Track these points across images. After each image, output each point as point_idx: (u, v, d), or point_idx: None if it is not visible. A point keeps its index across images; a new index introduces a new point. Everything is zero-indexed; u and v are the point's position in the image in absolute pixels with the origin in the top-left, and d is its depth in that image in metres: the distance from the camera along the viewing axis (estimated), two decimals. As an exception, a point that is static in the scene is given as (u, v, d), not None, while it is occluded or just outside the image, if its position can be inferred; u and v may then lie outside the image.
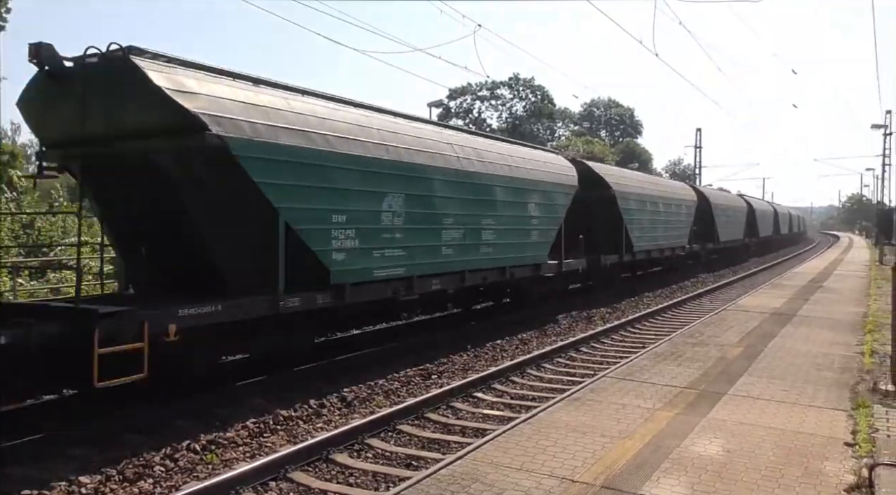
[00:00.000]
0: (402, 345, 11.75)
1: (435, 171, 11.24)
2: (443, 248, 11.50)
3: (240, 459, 6.57)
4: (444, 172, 11.48)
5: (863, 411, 6.45)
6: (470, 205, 12.18)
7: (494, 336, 12.86)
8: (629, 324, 14.73)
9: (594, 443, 5.63)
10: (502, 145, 14.63)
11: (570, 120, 76.54)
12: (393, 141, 10.36)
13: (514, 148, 15.25)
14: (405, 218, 10.43)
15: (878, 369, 8.27)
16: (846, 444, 5.63)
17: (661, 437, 5.79)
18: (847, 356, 9.37)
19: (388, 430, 7.37)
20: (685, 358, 9.14)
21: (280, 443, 7.03)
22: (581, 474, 4.96)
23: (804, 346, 10.05)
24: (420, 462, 6.49)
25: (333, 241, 9.10)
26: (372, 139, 9.89)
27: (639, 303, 18.94)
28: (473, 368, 10.58)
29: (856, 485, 4.73)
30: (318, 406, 8.23)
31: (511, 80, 70.27)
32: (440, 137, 11.99)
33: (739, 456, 5.34)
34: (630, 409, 6.64)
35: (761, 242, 45.36)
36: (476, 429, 7.52)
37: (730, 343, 10.30)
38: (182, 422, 7.38)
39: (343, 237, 9.23)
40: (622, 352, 11.80)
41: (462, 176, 11.95)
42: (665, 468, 5.08)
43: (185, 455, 6.56)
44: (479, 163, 12.56)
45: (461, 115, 70.62)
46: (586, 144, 54.69)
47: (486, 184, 12.69)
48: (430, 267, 11.24)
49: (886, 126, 37.24)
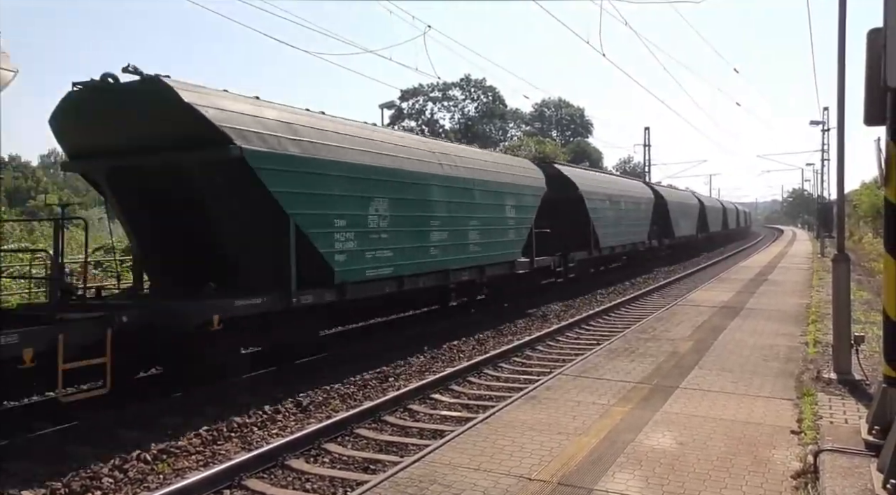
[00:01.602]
0: (358, 348, 11.67)
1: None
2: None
3: (192, 468, 6.41)
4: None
5: (807, 399, 6.65)
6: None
7: (451, 337, 12.87)
8: (584, 322, 14.91)
9: (551, 441, 5.67)
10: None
11: (522, 120, 77.20)
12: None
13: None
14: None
15: (820, 358, 8.55)
16: (792, 432, 5.80)
17: (616, 432, 5.87)
18: (792, 346, 9.66)
19: (345, 434, 7.29)
20: (638, 353, 9.30)
21: (234, 451, 6.89)
22: (538, 472, 4.99)
23: (751, 338, 10.33)
24: (378, 465, 6.44)
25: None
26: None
27: (593, 301, 19.21)
28: (430, 370, 10.57)
29: (802, 471, 4.87)
30: (273, 411, 8.10)
31: (463, 81, 70.59)
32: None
33: (691, 448, 5.45)
34: (585, 406, 6.71)
35: (711, 237, 46.71)
36: (434, 431, 7.50)
37: (681, 337, 10.52)
38: (131, 432, 7.17)
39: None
40: (577, 350, 11.93)
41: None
42: (620, 462, 5.15)
43: (135, 465, 6.37)
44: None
45: (413, 116, 70.60)
46: (538, 144, 55.13)
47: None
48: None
49: (824, 122, 38.54)
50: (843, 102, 7.75)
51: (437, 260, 12.61)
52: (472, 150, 15.93)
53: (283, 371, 9.79)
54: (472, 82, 70.80)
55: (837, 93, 7.69)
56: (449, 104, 71.81)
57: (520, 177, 16.47)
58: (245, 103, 9.19)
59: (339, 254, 9.98)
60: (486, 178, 14.56)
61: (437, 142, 15.22)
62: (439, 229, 12.67)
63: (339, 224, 9.99)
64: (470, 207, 13.82)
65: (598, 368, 8.37)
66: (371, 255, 10.72)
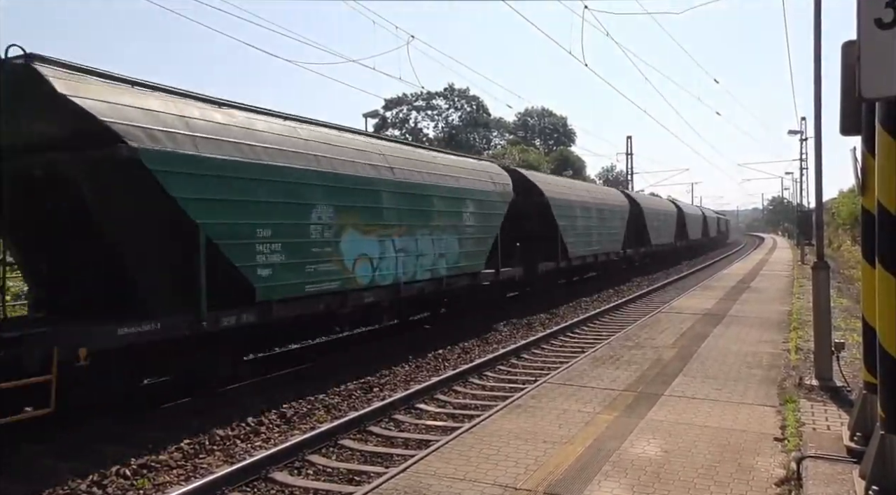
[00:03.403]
0: (342, 358, 11.59)
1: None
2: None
3: (174, 483, 6.32)
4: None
5: (790, 406, 6.71)
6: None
7: (436, 345, 12.83)
8: (568, 329, 14.93)
9: (536, 450, 5.66)
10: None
11: (506, 129, 77.46)
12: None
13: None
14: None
15: (802, 365, 8.62)
16: (776, 439, 5.83)
17: (601, 440, 5.87)
18: (774, 353, 9.74)
19: (329, 446, 7.23)
20: (623, 361, 9.32)
21: (217, 464, 6.80)
22: (524, 481, 4.97)
23: (734, 345, 10.40)
24: (363, 477, 6.39)
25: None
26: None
27: (577, 308, 19.25)
28: (416, 379, 10.52)
29: (785, 478, 4.90)
30: (256, 423, 8.02)
31: (446, 90, 70.77)
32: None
33: (676, 456, 5.46)
34: (571, 414, 6.71)
35: (691, 245, 46.92)
36: (419, 441, 7.46)
37: (665, 344, 10.57)
38: (110, 446, 7.05)
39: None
40: (562, 358, 11.94)
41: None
42: (606, 471, 5.15)
43: (115, 481, 6.27)
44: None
45: (397, 125, 70.63)
46: (522, 153, 55.46)
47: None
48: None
49: (802, 132, 39.13)
50: (819, 112, 7.86)
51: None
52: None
53: (267, 382, 9.69)
54: (456, 91, 71.02)
55: (814, 103, 7.81)
56: (433, 113, 71.95)
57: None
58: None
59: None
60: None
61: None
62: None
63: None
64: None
65: (582, 376, 8.38)
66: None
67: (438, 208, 13.30)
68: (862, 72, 3.90)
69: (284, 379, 10.01)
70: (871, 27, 3.87)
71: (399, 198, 12.01)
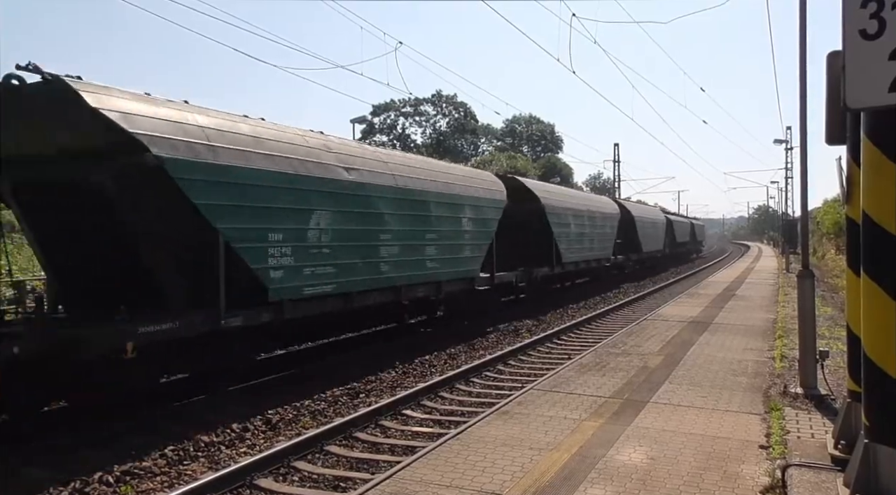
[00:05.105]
0: (328, 363, 11.54)
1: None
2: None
3: (157, 490, 6.25)
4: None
5: (775, 414, 6.74)
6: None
7: (423, 351, 12.80)
8: (555, 336, 14.95)
9: (522, 457, 5.65)
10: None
11: (493, 136, 77.74)
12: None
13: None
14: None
15: (787, 373, 8.67)
16: (761, 447, 5.86)
17: (587, 448, 5.87)
18: (759, 361, 9.79)
19: (315, 452, 7.18)
20: (609, 368, 9.34)
21: (201, 471, 6.74)
22: (510, 488, 4.96)
23: (720, 353, 10.45)
24: (348, 483, 6.35)
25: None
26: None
27: (564, 315, 19.29)
28: (402, 385, 10.49)
29: (770, 487, 4.91)
30: (241, 429, 7.95)
31: (434, 96, 70.94)
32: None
33: (662, 463, 5.47)
34: (557, 421, 6.71)
35: (679, 253, 47.28)
36: (405, 447, 7.42)
37: (651, 352, 10.60)
38: (92, 452, 6.97)
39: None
40: (549, 364, 11.95)
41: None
42: (592, 478, 5.14)
43: (97, 488, 6.20)
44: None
45: (385, 130, 70.69)
46: (509, 159, 55.66)
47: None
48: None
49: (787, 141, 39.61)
50: (805, 122, 7.94)
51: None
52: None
53: (253, 387, 9.63)
54: (444, 98, 71.22)
55: (800, 113, 7.87)
56: (420, 119, 72.10)
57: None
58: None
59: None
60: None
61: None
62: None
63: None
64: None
65: (569, 383, 8.38)
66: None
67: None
68: (847, 82, 3.94)
69: (270, 384, 9.94)
70: (855, 38, 3.91)
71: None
